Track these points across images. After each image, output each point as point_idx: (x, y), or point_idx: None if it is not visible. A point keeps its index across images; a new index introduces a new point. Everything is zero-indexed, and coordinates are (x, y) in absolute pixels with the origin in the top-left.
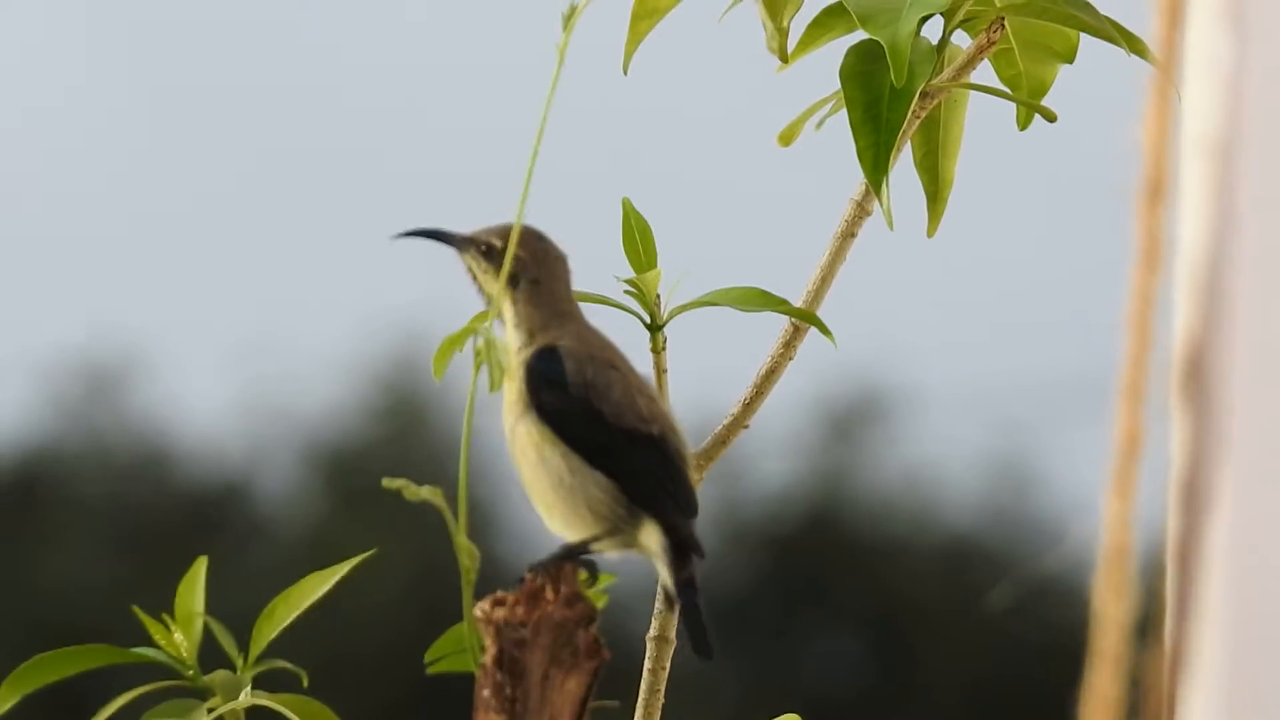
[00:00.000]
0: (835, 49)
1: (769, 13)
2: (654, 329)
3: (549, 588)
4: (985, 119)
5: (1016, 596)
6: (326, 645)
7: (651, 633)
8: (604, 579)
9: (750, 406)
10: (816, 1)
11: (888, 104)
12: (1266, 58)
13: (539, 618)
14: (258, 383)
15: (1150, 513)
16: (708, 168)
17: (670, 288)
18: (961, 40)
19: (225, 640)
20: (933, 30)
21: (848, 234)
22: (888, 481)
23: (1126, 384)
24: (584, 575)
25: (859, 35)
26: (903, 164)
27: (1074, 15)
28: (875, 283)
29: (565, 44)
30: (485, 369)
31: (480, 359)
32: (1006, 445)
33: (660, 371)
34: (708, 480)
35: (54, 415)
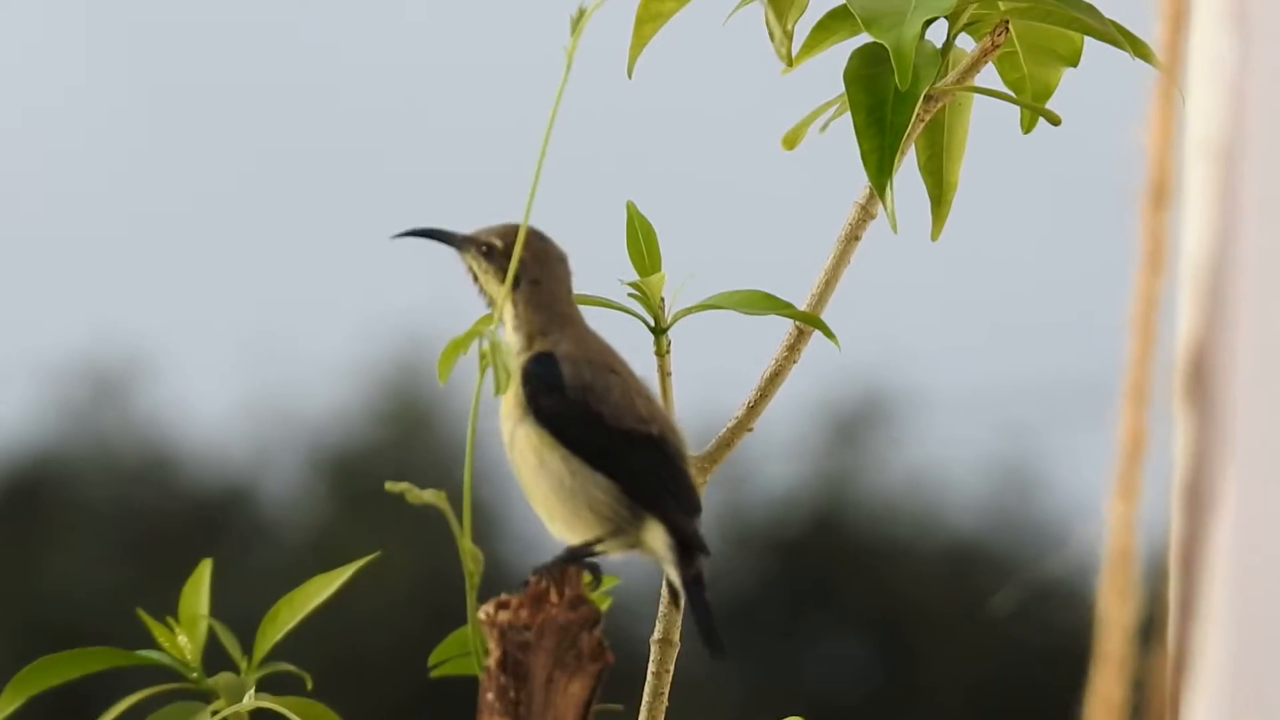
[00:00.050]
0: (840, 52)
1: (774, 16)
2: (658, 332)
3: (553, 591)
4: (989, 122)
5: (1020, 599)
6: (331, 648)
7: (655, 635)
8: (608, 582)
9: (754, 409)
10: (821, 4)
11: (892, 107)
12: (1270, 61)
13: (543, 621)
14: (262, 386)
15: (1154, 515)
16: (711, 170)
17: (674, 291)
18: (966, 43)
19: (229, 643)
20: (937, 33)
21: (852, 237)
22: (892, 484)
23: (1130, 386)
24: (588, 578)
25: (863, 38)
26: (907, 167)
27: (1078, 18)
28: (879, 286)
29: (573, 47)
30: (490, 372)
31: (485, 362)
32: (1010, 448)
33: (664, 374)
34: (712, 483)
35: (58, 418)
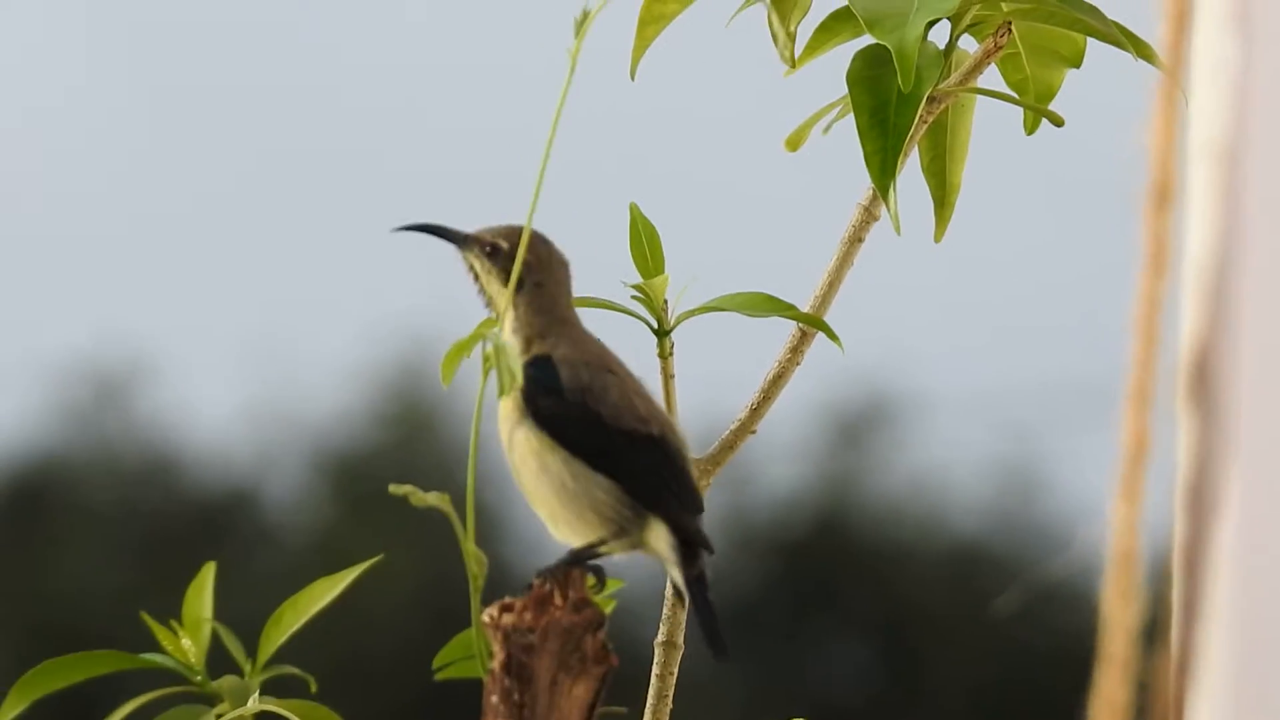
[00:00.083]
0: (842, 53)
1: (777, 17)
2: (661, 334)
3: (557, 593)
4: (992, 123)
5: (1024, 601)
6: (334, 651)
7: (659, 638)
8: (612, 584)
9: (758, 412)
10: (824, 6)
11: (895, 109)
12: (1273, 63)
13: (547, 623)
14: (264, 388)
15: (1157, 517)
16: (714, 172)
17: (677, 293)
18: (968, 45)
19: (233, 646)
20: (940, 35)
21: (855, 239)
22: (895, 486)
23: (1133, 389)
24: (592, 581)
25: (866, 40)
26: (910, 169)
27: (1081, 20)
28: (882, 287)
29: (577, 49)
30: (493, 374)
31: (489, 364)
32: (1014, 450)
33: (668, 377)
34: (715, 486)
35: (61, 421)
